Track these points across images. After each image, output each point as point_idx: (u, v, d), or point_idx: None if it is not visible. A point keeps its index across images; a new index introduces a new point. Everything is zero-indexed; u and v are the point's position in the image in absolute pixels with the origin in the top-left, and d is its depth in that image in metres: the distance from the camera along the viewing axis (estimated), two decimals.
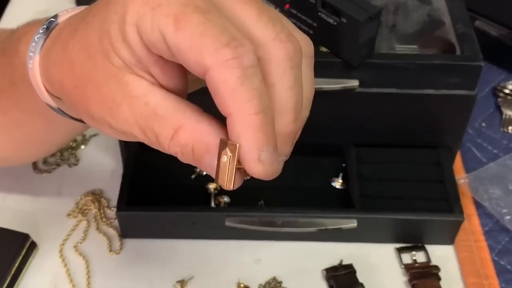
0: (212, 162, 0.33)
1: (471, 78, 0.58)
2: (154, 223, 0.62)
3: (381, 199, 0.62)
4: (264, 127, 0.31)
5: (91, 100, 0.35)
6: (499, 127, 0.74)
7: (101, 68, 0.34)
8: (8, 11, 0.88)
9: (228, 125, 0.32)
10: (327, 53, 0.58)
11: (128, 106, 0.34)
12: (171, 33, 0.31)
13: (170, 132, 0.33)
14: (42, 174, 0.69)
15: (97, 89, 0.34)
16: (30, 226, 0.62)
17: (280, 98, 0.33)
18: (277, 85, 0.33)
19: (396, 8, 0.65)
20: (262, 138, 0.31)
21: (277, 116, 0.33)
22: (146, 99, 0.33)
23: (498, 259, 0.62)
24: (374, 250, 0.62)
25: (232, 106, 0.31)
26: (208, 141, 0.33)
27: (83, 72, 0.35)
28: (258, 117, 0.31)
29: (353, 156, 0.65)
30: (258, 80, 0.31)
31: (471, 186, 0.66)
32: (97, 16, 0.34)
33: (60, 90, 0.38)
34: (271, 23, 0.33)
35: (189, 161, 0.34)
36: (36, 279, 0.60)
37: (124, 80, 0.33)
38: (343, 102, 0.60)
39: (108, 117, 0.35)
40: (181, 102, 0.34)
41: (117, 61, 0.33)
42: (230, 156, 0.31)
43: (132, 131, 0.34)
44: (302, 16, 0.57)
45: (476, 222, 0.64)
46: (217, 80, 0.30)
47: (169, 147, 0.34)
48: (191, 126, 0.33)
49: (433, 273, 0.59)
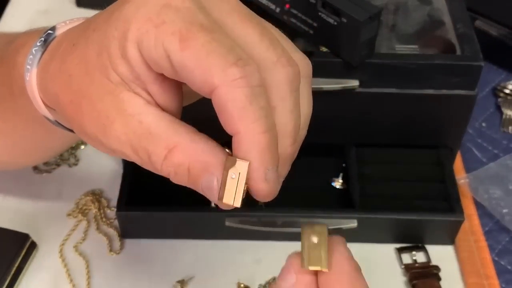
0: (210, 181, 0.32)
1: (471, 78, 0.58)
2: (154, 223, 0.62)
3: (381, 199, 0.62)
4: (271, 147, 0.31)
5: (85, 116, 0.35)
6: (499, 127, 0.74)
7: (97, 84, 0.34)
8: (8, 11, 0.88)
9: (235, 143, 0.31)
10: (327, 53, 0.58)
11: (121, 124, 0.33)
12: (177, 51, 0.31)
13: (164, 151, 0.33)
14: (42, 174, 0.69)
15: (92, 105, 0.34)
16: (30, 226, 0.62)
17: (280, 121, 0.33)
18: (278, 108, 0.33)
19: (396, 8, 0.65)
20: (269, 157, 0.31)
21: (278, 139, 0.33)
22: (140, 117, 0.33)
23: (498, 259, 0.62)
24: (374, 250, 0.62)
25: (240, 124, 0.31)
26: (206, 159, 0.32)
27: (79, 87, 0.35)
28: (266, 136, 0.31)
29: (353, 156, 0.65)
30: (265, 100, 0.31)
31: (471, 186, 0.66)
32: (97, 31, 0.34)
33: (55, 104, 0.38)
34: (273, 46, 0.33)
35: (183, 182, 0.34)
36: (36, 279, 0.60)
37: (120, 97, 0.33)
38: (343, 102, 0.60)
39: (100, 134, 0.34)
40: (176, 121, 0.34)
41: (115, 77, 0.33)
42: (239, 174, 0.31)
43: (123, 150, 0.34)
44: (302, 16, 0.57)
45: (476, 222, 0.64)
46: (225, 98, 0.30)
47: (162, 167, 0.33)
48: (187, 145, 0.33)
49: (433, 273, 0.59)
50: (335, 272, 0.32)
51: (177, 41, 0.31)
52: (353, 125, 0.64)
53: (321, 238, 0.32)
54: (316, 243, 0.32)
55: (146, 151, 0.33)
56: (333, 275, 0.32)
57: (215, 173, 0.32)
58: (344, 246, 0.33)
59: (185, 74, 0.31)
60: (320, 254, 0.32)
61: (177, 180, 0.34)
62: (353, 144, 0.65)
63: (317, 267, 0.31)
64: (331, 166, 0.67)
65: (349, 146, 0.65)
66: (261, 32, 0.34)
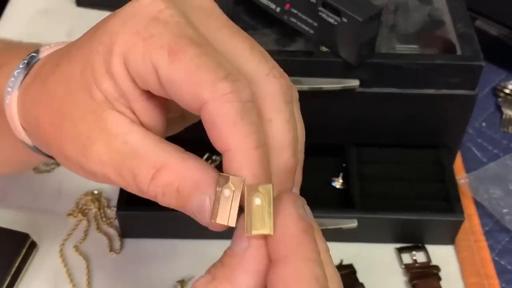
0: (202, 201, 0.31)
1: (472, 78, 0.58)
2: (154, 223, 0.62)
3: (382, 199, 0.62)
4: (263, 162, 0.30)
5: (65, 138, 0.33)
6: (500, 127, 0.74)
7: (80, 103, 0.33)
8: (8, 11, 0.88)
9: (225, 160, 0.30)
10: (327, 52, 0.58)
11: (104, 144, 0.32)
12: (165, 65, 0.30)
13: (151, 171, 0.31)
14: (42, 174, 0.69)
15: (73, 125, 0.33)
16: (30, 226, 0.62)
17: (278, 134, 0.32)
18: (273, 121, 0.32)
19: (396, 7, 0.65)
20: (262, 173, 0.30)
21: (277, 152, 0.32)
22: (125, 137, 0.32)
23: (498, 259, 0.62)
24: (375, 250, 0.62)
25: (231, 140, 0.30)
26: (197, 178, 0.31)
27: (60, 108, 0.33)
28: (258, 152, 0.30)
29: (354, 156, 0.65)
30: (255, 115, 0.30)
31: (471, 186, 0.66)
32: (80, 49, 0.33)
33: (35, 128, 0.36)
34: (264, 58, 0.33)
35: (171, 203, 0.32)
36: (36, 279, 0.60)
37: (103, 116, 0.32)
38: (344, 102, 0.60)
39: (80, 157, 0.33)
40: (162, 141, 0.32)
41: (98, 95, 0.32)
42: (233, 192, 0.29)
43: (105, 172, 0.33)
44: (303, 15, 0.57)
45: (477, 222, 0.64)
46: (216, 113, 0.29)
47: (148, 188, 0.32)
48: (176, 164, 0.31)
49: (433, 273, 0.59)
50: (278, 235, 0.29)
51: (165, 55, 0.30)
52: (353, 125, 0.64)
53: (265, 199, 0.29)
54: (260, 205, 0.29)
55: (131, 172, 0.32)
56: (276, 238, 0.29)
57: (207, 192, 0.31)
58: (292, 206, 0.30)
59: (173, 89, 0.30)
60: (263, 218, 0.29)
61: (165, 201, 0.32)
62: (353, 144, 0.65)
63: (260, 232, 0.29)
64: (331, 166, 0.67)
65: (349, 146, 0.65)
66: (251, 46, 0.33)
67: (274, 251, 0.29)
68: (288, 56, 0.58)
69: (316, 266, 0.29)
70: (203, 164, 0.31)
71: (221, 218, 0.30)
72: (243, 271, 0.29)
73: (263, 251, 0.29)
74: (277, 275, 0.28)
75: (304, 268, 0.28)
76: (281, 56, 0.58)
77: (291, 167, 0.33)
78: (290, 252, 0.29)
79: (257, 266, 0.29)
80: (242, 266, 0.29)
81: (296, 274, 0.28)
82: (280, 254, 0.29)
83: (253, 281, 0.29)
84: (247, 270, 0.29)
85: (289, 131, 0.33)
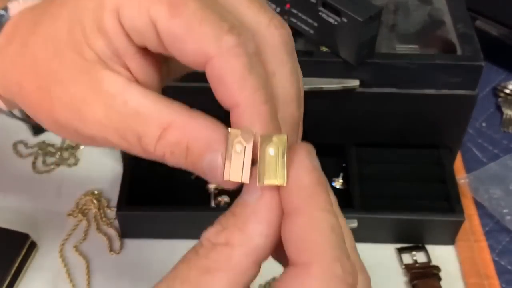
0: (214, 159, 0.29)
1: (472, 78, 0.58)
2: (154, 223, 0.62)
3: (382, 199, 0.62)
4: (273, 117, 0.29)
5: (56, 103, 0.31)
6: (500, 127, 0.74)
7: (70, 65, 0.30)
8: None
9: (235, 117, 0.29)
10: (327, 53, 0.58)
11: (102, 106, 0.30)
12: (165, 19, 0.28)
13: (158, 131, 0.29)
14: (42, 174, 0.69)
15: (65, 89, 0.31)
16: (30, 226, 0.62)
17: (283, 87, 0.31)
18: (277, 74, 0.31)
19: (396, 7, 0.65)
20: (273, 128, 0.29)
21: (283, 105, 0.31)
22: (124, 96, 0.30)
23: (498, 259, 0.61)
24: (375, 250, 0.62)
25: (240, 96, 0.28)
26: (207, 135, 0.29)
27: (48, 71, 0.31)
28: (267, 106, 0.29)
29: (354, 156, 0.65)
30: (262, 69, 0.29)
31: (471, 186, 0.66)
32: (65, 6, 0.31)
33: (17, 94, 0.34)
34: (263, 9, 0.31)
35: (180, 163, 0.30)
36: (36, 279, 0.60)
37: (98, 76, 0.30)
38: (344, 102, 0.60)
39: (75, 121, 0.31)
40: (165, 98, 0.30)
41: (90, 55, 0.30)
42: (245, 147, 0.28)
43: (106, 135, 0.31)
44: (303, 15, 0.57)
45: (477, 222, 0.64)
46: (223, 69, 0.28)
47: (155, 149, 0.30)
48: (183, 122, 0.29)
49: (434, 273, 0.59)
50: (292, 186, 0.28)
51: (165, 8, 0.28)
52: (353, 125, 0.64)
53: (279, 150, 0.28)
54: (273, 155, 0.28)
55: (135, 134, 0.30)
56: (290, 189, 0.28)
57: (219, 149, 0.29)
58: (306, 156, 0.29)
59: (174, 45, 0.29)
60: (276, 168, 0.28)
61: (174, 161, 0.30)
62: (353, 144, 0.65)
63: (273, 182, 0.28)
64: (331, 166, 0.67)
65: (349, 146, 0.65)
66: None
67: (288, 202, 0.28)
68: None
69: (331, 216, 0.28)
70: (212, 120, 0.30)
71: (234, 175, 0.28)
72: (256, 221, 0.28)
73: (276, 201, 0.28)
74: (292, 226, 0.27)
75: (319, 218, 0.28)
76: None
77: (297, 120, 0.32)
78: (304, 202, 0.28)
79: (270, 216, 0.28)
80: (255, 215, 0.28)
81: (312, 224, 0.27)
82: (294, 205, 0.28)
83: (266, 231, 0.28)
84: (259, 219, 0.28)
85: (293, 84, 0.31)
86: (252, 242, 0.28)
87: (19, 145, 0.71)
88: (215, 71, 0.28)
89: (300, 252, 0.27)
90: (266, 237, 0.28)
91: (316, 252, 0.27)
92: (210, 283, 0.28)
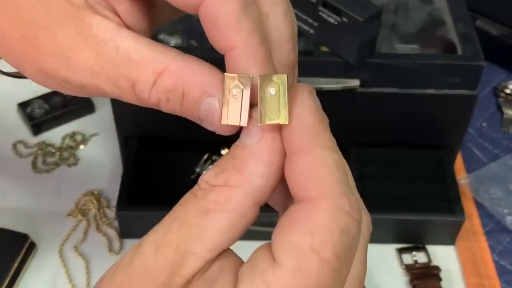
0: (211, 104, 0.28)
1: (472, 78, 0.58)
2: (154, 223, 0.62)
3: (382, 199, 0.62)
4: (269, 59, 0.29)
5: (42, 51, 0.30)
6: (500, 127, 0.74)
7: (55, 10, 0.29)
8: None
9: (231, 59, 0.28)
10: (328, 52, 0.58)
11: (92, 53, 0.29)
12: None
13: (152, 76, 0.29)
14: (42, 174, 0.68)
15: (52, 36, 0.29)
16: (30, 226, 0.62)
17: (277, 28, 0.30)
18: (271, 15, 0.30)
19: (397, 7, 0.65)
20: (270, 70, 0.29)
21: (278, 47, 0.30)
22: (115, 42, 0.29)
23: (499, 260, 0.61)
24: (375, 251, 0.62)
25: (236, 38, 0.28)
26: (204, 80, 0.28)
27: (32, 18, 0.30)
28: (263, 47, 0.28)
29: (354, 156, 0.65)
30: (256, 10, 0.29)
31: (472, 186, 0.66)
32: None
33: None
34: None
35: (176, 109, 0.30)
36: (36, 279, 0.59)
37: (86, 22, 0.29)
38: (344, 102, 0.60)
39: (64, 69, 0.30)
40: (157, 43, 0.29)
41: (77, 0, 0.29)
42: (243, 90, 0.28)
43: (97, 82, 0.30)
44: (303, 15, 0.57)
45: (477, 223, 0.64)
46: (217, 10, 0.27)
47: (150, 95, 0.29)
48: (178, 67, 0.29)
49: (434, 273, 0.59)
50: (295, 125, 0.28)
51: None
52: (353, 125, 0.63)
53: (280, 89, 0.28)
54: (274, 95, 0.28)
55: (129, 80, 0.29)
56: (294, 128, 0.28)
57: (216, 94, 0.28)
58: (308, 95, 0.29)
59: None
60: (278, 107, 0.28)
61: (169, 108, 0.29)
62: (353, 144, 0.65)
63: (275, 121, 0.27)
64: None
65: (350, 146, 0.65)
66: None
67: (291, 142, 0.28)
68: None
69: (336, 154, 0.28)
70: (208, 65, 0.29)
71: (232, 119, 0.28)
72: (256, 162, 0.28)
73: (278, 142, 0.28)
74: (298, 164, 0.27)
75: (325, 155, 0.28)
76: None
77: (293, 62, 0.31)
78: (308, 141, 0.28)
79: (271, 157, 0.28)
80: (255, 156, 0.28)
81: (318, 161, 0.27)
82: (297, 144, 0.28)
83: (266, 172, 0.28)
84: (260, 160, 0.28)
85: (287, 24, 0.31)
86: (252, 183, 0.27)
87: (19, 145, 0.71)
88: (209, 13, 0.28)
89: (307, 188, 0.27)
90: (266, 178, 0.28)
91: (324, 187, 0.27)
92: (209, 224, 0.27)
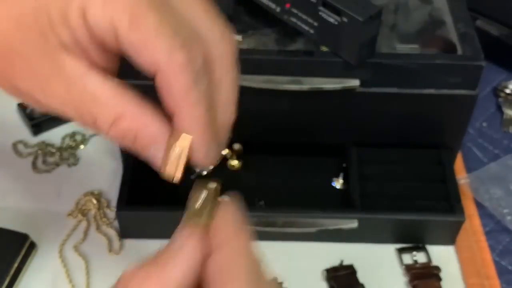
0: (157, 151, 0.33)
1: (472, 77, 0.58)
2: (154, 223, 0.62)
3: (382, 199, 0.62)
4: (211, 124, 0.33)
5: (17, 73, 0.33)
6: (500, 127, 0.74)
7: (33, 43, 0.32)
8: None
9: (176, 121, 0.32)
10: (327, 52, 0.58)
11: (64, 86, 0.32)
12: (125, 29, 0.31)
13: (111, 118, 0.32)
14: (42, 174, 0.68)
15: (28, 64, 0.32)
16: (30, 226, 0.62)
17: (226, 92, 0.34)
18: (223, 80, 0.34)
19: (397, 7, 0.65)
20: (210, 134, 0.33)
21: (223, 109, 0.34)
22: (84, 81, 0.32)
23: (499, 260, 0.61)
24: (375, 251, 0.62)
25: (182, 106, 0.32)
26: (154, 130, 0.33)
27: (10, 43, 0.33)
28: (206, 115, 0.32)
29: (354, 156, 0.65)
30: (206, 81, 0.32)
31: (472, 186, 0.66)
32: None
33: None
34: (217, 21, 0.34)
35: (129, 146, 0.33)
36: (36, 279, 0.59)
37: (60, 59, 0.32)
38: (344, 101, 0.60)
39: (37, 93, 0.33)
40: (121, 87, 0.33)
41: (54, 40, 0.32)
42: (182, 148, 0.33)
43: (66, 110, 0.33)
44: (303, 15, 0.57)
45: (477, 223, 0.64)
46: (170, 82, 0.31)
47: (108, 132, 0.33)
48: (134, 115, 0.33)
49: (434, 273, 0.59)
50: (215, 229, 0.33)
51: (126, 19, 0.30)
52: (353, 125, 0.63)
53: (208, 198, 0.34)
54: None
55: (91, 116, 0.33)
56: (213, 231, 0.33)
57: (162, 144, 0.33)
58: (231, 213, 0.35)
59: (131, 51, 0.31)
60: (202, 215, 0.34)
61: (123, 144, 0.33)
62: (354, 144, 0.65)
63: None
64: (331, 166, 0.67)
65: (350, 146, 0.65)
66: (205, 8, 0.34)
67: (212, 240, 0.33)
68: (288, 56, 0.58)
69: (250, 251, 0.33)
70: (159, 116, 0.33)
71: (170, 170, 0.33)
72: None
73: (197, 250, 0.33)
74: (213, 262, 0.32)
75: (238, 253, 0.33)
76: (281, 56, 0.58)
77: (231, 122, 0.35)
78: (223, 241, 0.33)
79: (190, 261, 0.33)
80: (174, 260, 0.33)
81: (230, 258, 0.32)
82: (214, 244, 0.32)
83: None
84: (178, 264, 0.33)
85: (234, 90, 0.35)
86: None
87: (19, 145, 0.71)
88: (163, 82, 0.31)
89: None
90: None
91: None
92: None
